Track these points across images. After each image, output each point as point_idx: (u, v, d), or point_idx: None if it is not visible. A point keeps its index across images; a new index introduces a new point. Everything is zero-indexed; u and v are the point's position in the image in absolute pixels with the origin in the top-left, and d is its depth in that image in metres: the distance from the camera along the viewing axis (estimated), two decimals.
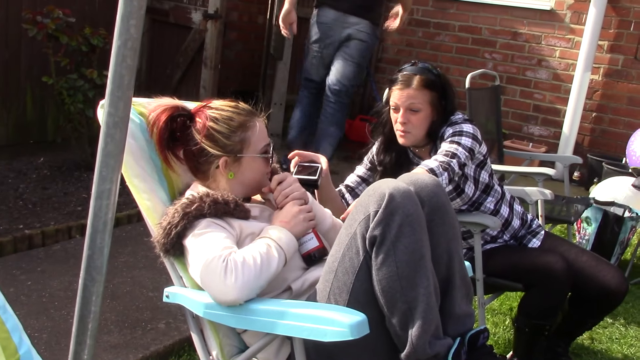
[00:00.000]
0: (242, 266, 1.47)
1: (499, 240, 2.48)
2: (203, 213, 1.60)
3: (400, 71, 2.32)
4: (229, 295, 1.46)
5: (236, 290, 1.45)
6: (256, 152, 1.75)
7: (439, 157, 2.15)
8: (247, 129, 1.74)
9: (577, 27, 5.65)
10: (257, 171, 1.76)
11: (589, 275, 2.30)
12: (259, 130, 1.76)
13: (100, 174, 1.22)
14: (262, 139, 1.77)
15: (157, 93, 1.93)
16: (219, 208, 1.63)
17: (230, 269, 1.47)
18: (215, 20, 4.68)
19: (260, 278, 1.50)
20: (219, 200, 1.64)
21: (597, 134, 5.76)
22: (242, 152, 1.73)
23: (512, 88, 6.04)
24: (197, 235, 1.57)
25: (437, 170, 2.08)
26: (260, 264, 1.50)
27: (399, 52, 6.61)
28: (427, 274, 1.54)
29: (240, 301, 1.47)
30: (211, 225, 1.60)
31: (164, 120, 1.73)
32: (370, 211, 1.54)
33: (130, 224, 3.61)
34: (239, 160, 1.74)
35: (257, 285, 1.49)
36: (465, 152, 2.19)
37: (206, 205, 1.61)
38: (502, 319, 3.02)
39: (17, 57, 4.23)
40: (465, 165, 2.20)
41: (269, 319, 1.44)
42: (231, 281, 1.45)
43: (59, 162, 4.26)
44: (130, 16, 1.15)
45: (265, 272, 1.51)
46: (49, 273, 2.93)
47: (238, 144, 1.72)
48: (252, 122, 1.75)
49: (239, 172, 1.74)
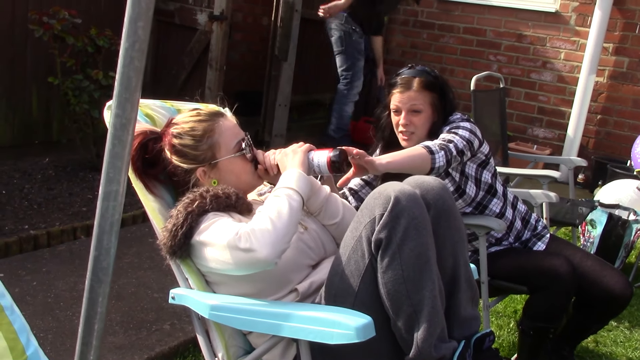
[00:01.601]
0: (255, 228, 1.48)
1: (503, 243, 2.48)
2: (206, 209, 1.60)
3: (399, 75, 2.33)
4: (259, 257, 1.45)
5: (262, 250, 1.44)
6: (229, 152, 1.73)
7: (436, 141, 2.17)
8: (213, 134, 1.72)
9: (582, 29, 5.64)
10: (239, 170, 1.75)
11: (594, 280, 2.29)
12: (226, 130, 1.74)
13: (108, 175, 1.22)
14: (232, 136, 1.74)
15: (163, 94, 1.94)
16: (220, 202, 1.63)
17: (245, 237, 1.46)
18: (220, 21, 4.69)
19: (279, 230, 1.48)
20: (220, 195, 1.64)
21: (602, 137, 5.76)
22: (216, 157, 1.72)
23: (516, 90, 6.04)
24: (205, 229, 1.57)
25: (433, 147, 2.09)
26: (269, 219, 1.49)
27: (403, 53, 6.61)
28: (432, 277, 1.54)
29: (272, 260, 1.46)
30: (216, 216, 1.59)
31: (134, 149, 1.71)
32: (376, 214, 1.55)
33: (135, 225, 3.61)
34: (215, 167, 1.73)
35: (281, 236, 1.48)
36: (463, 141, 2.19)
37: (207, 200, 1.61)
38: (507, 321, 3.02)
39: (23, 58, 4.24)
40: (463, 152, 2.19)
41: (275, 321, 1.44)
42: (252, 246, 1.45)
43: (64, 162, 4.27)
44: (138, 18, 1.15)
45: (282, 221, 1.50)
46: (54, 273, 2.94)
47: (208, 151, 1.72)
48: (216, 125, 1.73)
49: (220, 177, 1.74)
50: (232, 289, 1.64)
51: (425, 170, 2.06)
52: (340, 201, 1.85)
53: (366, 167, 1.88)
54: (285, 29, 5.23)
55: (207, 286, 1.67)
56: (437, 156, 2.07)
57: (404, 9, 6.53)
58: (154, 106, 1.90)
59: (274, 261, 1.47)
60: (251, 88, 5.77)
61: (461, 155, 2.18)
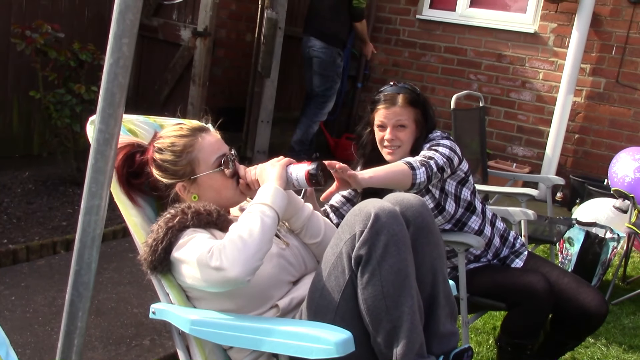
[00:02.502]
0: (226, 246, 1.47)
1: (482, 260, 2.51)
2: (186, 225, 1.61)
3: (381, 92, 2.37)
4: (230, 276, 1.44)
5: (232, 270, 1.44)
6: (209, 168, 1.74)
7: (417, 157, 2.20)
8: (192, 149, 1.73)
9: (560, 50, 5.75)
10: (219, 185, 1.75)
11: (570, 297, 2.33)
12: (206, 146, 1.75)
13: (90, 190, 1.23)
14: (212, 152, 1.75)
15: (145, 109, 1.95)
16: (201, 218, 1.64)
17: (216, 255, 1.47)
18: (204, 37, 4.71)
19: (249, 248, 1.47)
20: (201, 211, 1.65)
21: (579, 156, 5.85)
22: (195, 173, 1.73)
23: (496, 109, 6.12)
24: (182, 246, 1.57)
25: (414, 163, 2.12)
26: (240, 237, 1.48)
27: (385, 72, 6.68)
28: (411, 293, 1.55)
29: (242, 278, 1.45)
30: (194, 232, 1.60)
31: (120, 159, 1.74)
32: (356, 231, 1.56)
33: (116, 240, 3.60)
34: (195, 182, 1.74)
35: (251, 254, 1.47)
36: (443, 158, 2.23)
37: (188, 216, 1.62)
38: (486, 338, 3.04)
39: (5, 71, 4.22)
40: (443, 169, 2.22)
41: (255, 335, 1.45)
42: (222, 264, 1.45)
43: (44, 176, 4.25)
44: (123, 35, 1.17)
45: (249, 238, 1.49)
46: (33, 288, 2.91)
47: (187, 166, 1.73)
48: (196, 141, 1.74)
49: (201, 192, 1.75)
50: (213, 305, 1.65)
51: (407, 185, 2.09)
52: (322, 220, 1.85)
53: (349, 181, 1.90)
54: (268, 46, 5.26)
55: (187, 301, 1.67)
56: (418, 172, 2.10)
57: (386, 27, 6.60)
58: (137, 121, 1.91)
59: (244, 279, 1.46)
60: (234, 104, 5.79)
61: (441, 172, 2.22)
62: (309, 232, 1.80)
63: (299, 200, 1.79)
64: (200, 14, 4.71)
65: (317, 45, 5.57)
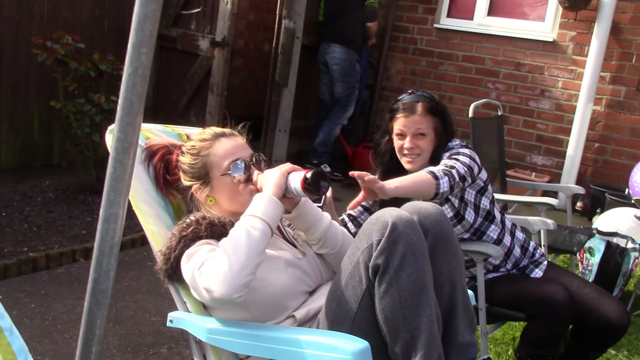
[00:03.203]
0: (212, 265, 1.47)
1: (501, 270, 2.49)
2: (200, 235, 1.62)
3: (400, 100, 2.36)
4: (216, 296, 1.44)
5: (217, 290, 1.44)
6: (221, 172, 1.74)
7: (439, 166, 2.19)
8: (207, 153, 1.75)
9: (580, 58, 5.71)
10: (230, 190, 1.74)
11: (591, 308, 2.29)
12: (221, 150, 1.75)
13: (108, 198, 1.24)
14: (226, 156, 1.74)
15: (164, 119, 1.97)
16: (215, 230, 1.64)
17: (204, 275, 1.47)
18: (222, 47, 4.74)
19: (233, 266, 1.45)
20: (215, 223, 1.65)
21: (599, 165, 5.79)
22: (209, 176, 1.75)
23: (515, 118, 6.08)
24: (188, 257, 1.58)
25: (437, 173, 2.11)
26: (225, 255, 1.47)
27: (402, 80, 6.67)
28: (429, 303, 1.54)
29: (229, 298, 1.44)
30: (202, 245, 1.60)
31: (158, 158, 1.81)
32: (373, 240, 1.55)
33: (134, 248, 3.62)
34: (210, 185, 1.75)
35: (236, 272, 1.45)
36: (464, 167, 2.22)
37: (202, 227, 1.63)
38: (505, 348, 3.00)
39: (26, 81, 4.28)
40: (464, 179, 2.21)
41: (272, 345, 1.44)
42: (208, 285, 1.45)
43: (64, 185, 4.29)
44: (141, 45, 1.18)
45: (235, 255, 1.47)
46: (52, 296, 2.94)
47: (202, 169, 1.75)
48: (212, 145, 1.76)
49: (216, 196, 1.76)
50: (229, 314, 1.64)
51: (430, 195, 2.08)
52: (340, 230, 1.84)
53: (376, 192, 1.89)
54: (286, 56, 5.29)
55: (205, 310, 1.67)
56: (441, 182, 2.10)
57: (403, 36, 6.61)
58: (156, 130, 1.93)
59: (232, 297, 1.45)
60: (251, 113, 5.79)
61: (463, 181, 2.21)
62: (326, 243, 1.78)
63: (317, 212, 1.77)
64: (218, 24, 4.74)
65: (337, 51, 5.70)
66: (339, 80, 5.79)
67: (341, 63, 5.73)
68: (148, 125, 1.91)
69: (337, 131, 6.01)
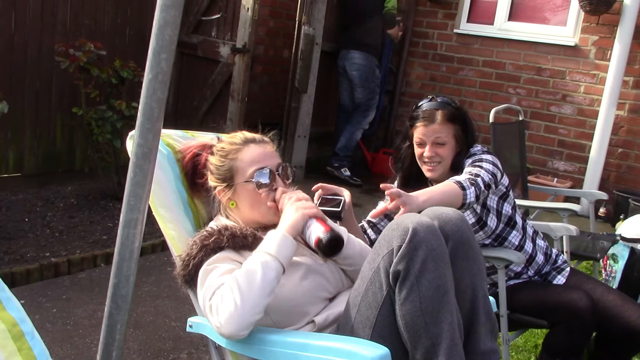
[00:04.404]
0: (224, 299, 1.46)
1: (523, 276, 2.46)
2: (221, 246, 1.62)
3: (419, 107, 2.34)
4: (223, 333, 1.46)
5: (226, 325, 1.44)
6: (245, 178, 1.74)
7: (464, 175, 2.16)
8: (235, 158, 1.75)
9: (602, 62, 5.64)
10: (251, 199, 1.73)
11: (615, 315, 2.26)
12: (247, 156, 1.75)
13: (129, 203, 1.24)
14: (252, 163, 1.74)
15: (184, 125, 1.98)
16: (237, 242, 1.64)
17: (214, 308, 1.47)
18: (243, 54, 4.77)
19: (244, 302, 1.44)
20: (237, 234, 1.65)
21: (623, 170, 5.71)
22: (234, 181, 1.75)
23: (536, 123, 6.03)
24: (206, 272, 1.57)
25: (464, 183, 2.09)
26: (239, 291, 1.45)
27: (422, 86, 6.65)
28: (451, 310, 1.52)
29: (236, 335, 1.45)
30: (222, 260, 1.60)
31: (188, 158, 1.85)
32: (394, 245, 1.54)
33: (154, 254, 3.64)
34: (233, 189, 1.75)
35: (247, 310, 1.44)
36: (489, 175, 2.19)
37: (224, 238, 1.62)
38: (527, 356, 2.97)
39: (49, 88, 4.33)
40: (489, 186, 2.19)
41: (291, 350, 1.43)
42: (218, 320, 1.46)
43: (86, 191, 4.33)
44: (161, 50, 1.18)
45: (247, 293, 1.45)
46: (74, 301, 2.96)
47: (228, 172, 1.75)
48: (241, 150, 1.76)
49: (239, 200, 1.76)
50: None
51: (457, 206, 2.06)
52: (358, 244, 1.82)
53: (405, 206, 1.87)
54: (305, 62, 5.30)
55: None
56: (468, 192, 2.08)
57: (423, 42, 6.59)
58: (176, 136, 1.94)
59: (238, 335, 1.45)
60: (271, 119, 5.83)
61: (488, 189, 2.19)
62: (345, 262, 1.77)
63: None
64: (239, 30, 4.77)
65: (357, 57, 5.73)
66: (359, 85, 5.81)
67: (361, 69, 5.75)
68: (168, 131, 1.92)
69: (359, 135, 6.02)
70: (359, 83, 5.79)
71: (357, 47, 5.71)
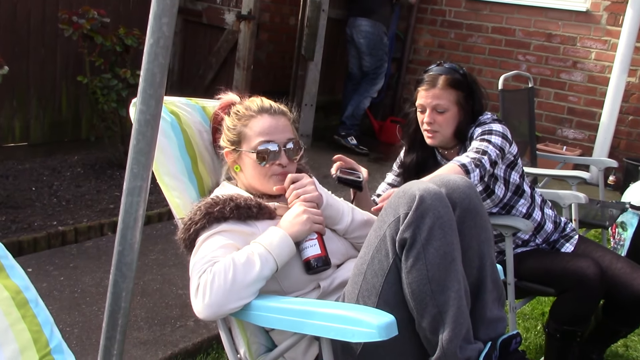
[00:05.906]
0: (211, 284, 1.45)
1: (530, 244, 2.45)
2: (225, 216, 1.61)
3: (426, 72, 2.31)
4: (199, 313, 1.47)
5: (204, 309, 1.45)
6: (250, 148, 1.73)
7: (470, 153, 2.13)
8: (246, 124, 1.74)
9: (614, 28, 5.55)
10: (252, 169, 1.73)
11: (624, 283, 2.24)
12: (258, 126, 1.73)
13: (132, 171, 1.23)
14: (259, 134, 1.72)
15: (189, 93, 1.96)
16: (241, 212, 1.63)
17: (202, 288, 1.46)
18: (248, 21, 4.70)
19: (232, 291, 1.45)
20: (242, 205, 1.64)
21: (633, 138, 5.65)
22: (241, 146, 1.74)
23: (546, 90, 5.96)
24: (203, 240, 1.58)
25: (469, 166, 2.06)
26: (232, 279, 1.45)
27: (430, 53, 6.57)
28: (458, 277, 1.51)
29: (210, 318, 1.48)
30: (221, 233, 1.59)
31: (214, 113, 1.86)
32: (400, 213, 1.53)
33: (161, 222, 3.64)
34: (239, 154, 1.75)
35: (230, 299, 1.45)
36: (496, 150, 2.17)
37: (228, 209, 1.62)
38: (534, 324, 2.97)
39: (53, 57, 4.29)
40: (496, 163, 2.17)
41: (297, 318, 1.43)
42: (200, 301, 1.46)
43: (92, 160, 4.33)
44: (162, 14, 1.16)
45: (240, 284, 1.46)
46: (81, 269, 2.97)
47: (237, 136, 1.75)
48: (254, 117, 1.74)
49: (243, 166, 1.76)
50: None
51: None
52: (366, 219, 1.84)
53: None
54: (311, 29, 5.23)
55: None
56: (472, 175, 2.05)
57: (431, 8, 6.49)
58: (179, 103, 1.91)
59: (210, 319, 1.49)
60: (277, 88, 5.79)
61: (494, 167, 2.17)
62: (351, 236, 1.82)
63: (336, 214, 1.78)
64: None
65: (364, 24, 5.63)
66: (366, 53, 5.73)
67: (368, 37, 5.67)
68: (172, 98, 1.89)
69: (367, 104, 5.97)
70: (367, 51, 5.72)
71: (365, 14, 5.62)
